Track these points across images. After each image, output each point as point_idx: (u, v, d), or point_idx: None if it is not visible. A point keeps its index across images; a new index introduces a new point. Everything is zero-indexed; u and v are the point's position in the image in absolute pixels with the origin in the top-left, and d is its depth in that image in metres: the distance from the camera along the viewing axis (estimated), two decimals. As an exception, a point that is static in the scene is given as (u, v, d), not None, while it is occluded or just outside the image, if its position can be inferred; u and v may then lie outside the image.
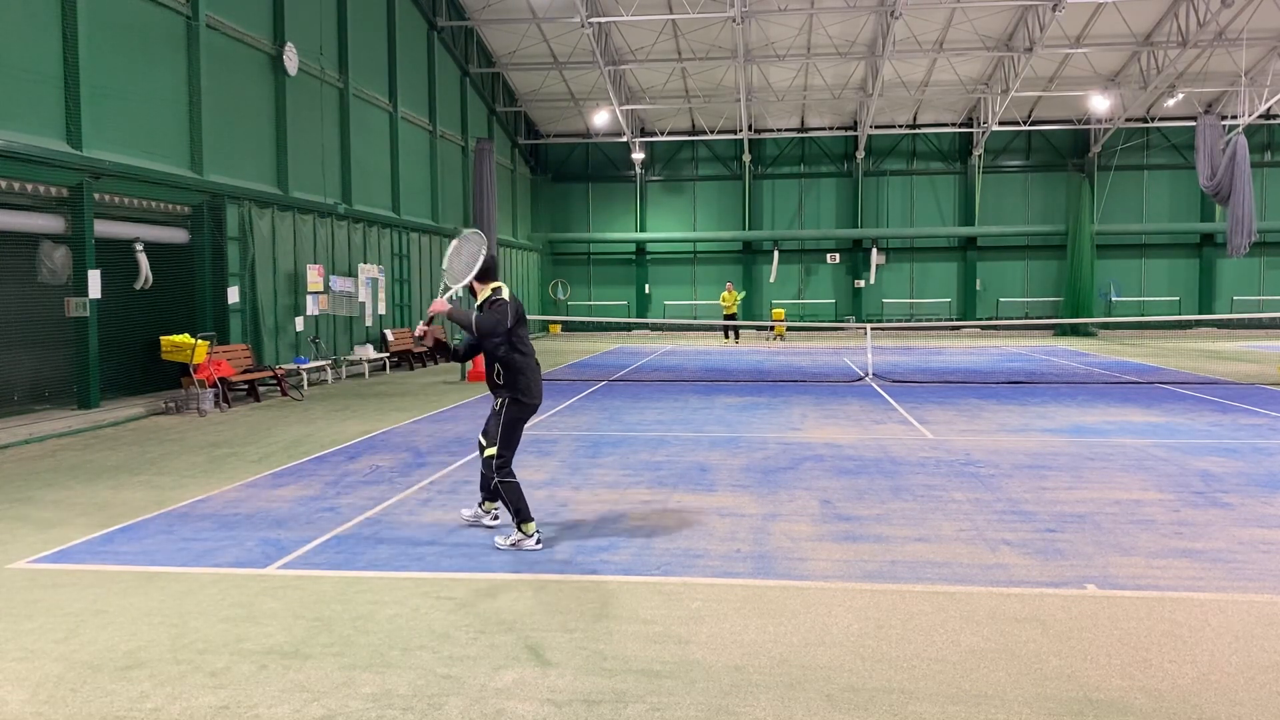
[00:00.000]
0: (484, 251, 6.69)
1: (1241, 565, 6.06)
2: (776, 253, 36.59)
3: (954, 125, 36.12)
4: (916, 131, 36.24)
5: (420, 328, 6.62)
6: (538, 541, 6.55)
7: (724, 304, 31.08)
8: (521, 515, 6.57)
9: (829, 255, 36.85)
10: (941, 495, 8.11)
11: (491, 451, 6.70)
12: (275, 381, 16.11)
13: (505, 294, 6.70)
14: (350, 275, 20.45)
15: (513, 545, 6.52)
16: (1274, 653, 4.63)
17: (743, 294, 32.77)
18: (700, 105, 34.20)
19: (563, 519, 7.36)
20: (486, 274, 6.72)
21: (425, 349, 6.46)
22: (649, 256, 37.73)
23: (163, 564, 6.24)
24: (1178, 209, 35.73)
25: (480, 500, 7.22)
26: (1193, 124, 29.32)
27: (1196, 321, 35.23)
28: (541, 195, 37.74)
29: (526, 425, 6.81)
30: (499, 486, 6.60)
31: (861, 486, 8.49)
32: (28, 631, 5.00)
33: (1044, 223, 35.92)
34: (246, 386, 15.42)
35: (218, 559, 6.33)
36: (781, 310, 34.71)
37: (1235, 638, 4.83)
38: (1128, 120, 34.22)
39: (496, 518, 7.15)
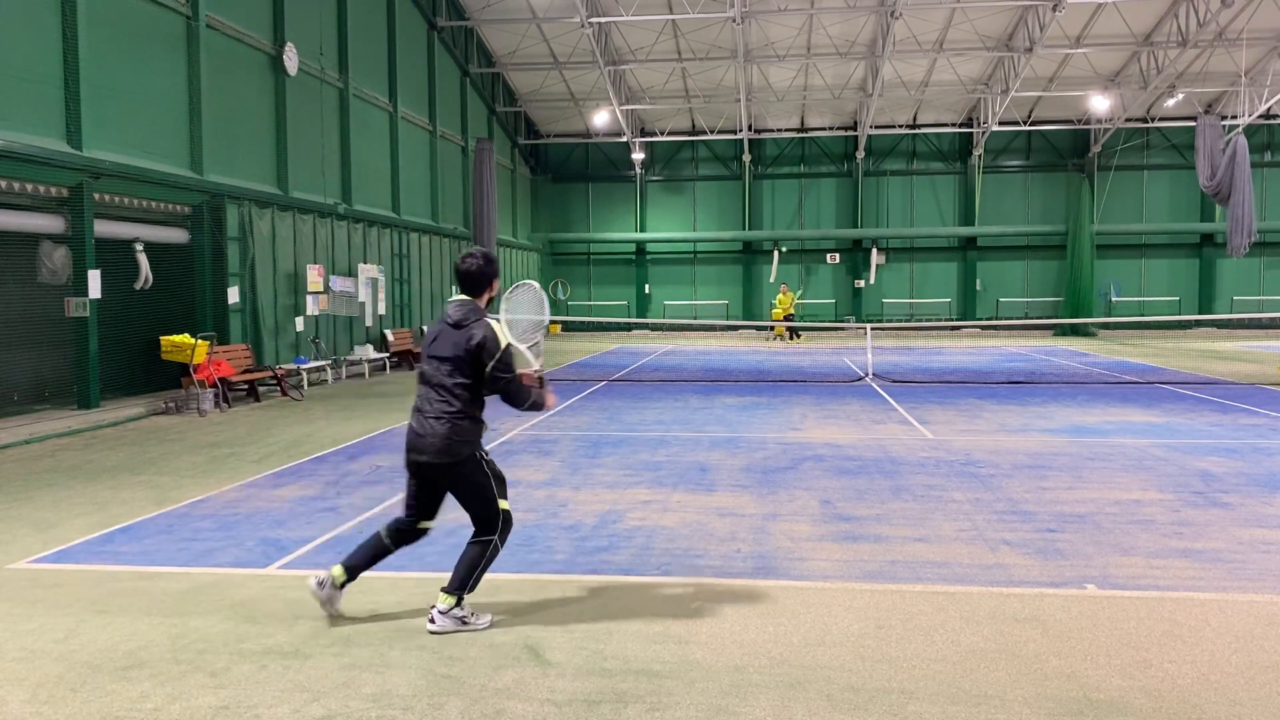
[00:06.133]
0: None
1: (1241, 565, 6.05)
2: (776, 253, 36.59)
3: (954, 125, 36.11)
4: (916, 131, 36.23)
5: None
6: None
7: (780, 305, 31.07)
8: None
9: (829, 255, 36.85)
10: (941, 495, 8.11)
11: None
12: (275, 381, 16.11)
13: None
14: (350, 275, 20.45)
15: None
16: (1274, 653, 4.63)
17: (798, 293, 32.08)
18: (700, 105, 34.19)
19: (563, 519, 7.36)
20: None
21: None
22: (649, 256, 37.73)
23: (163, 564, 6.24)
24: (1178, 209, 35.72)
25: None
26: (1193, 124, 29.31)
27: (1196, 321, 35.22)
28: (541, 195, 37.73)
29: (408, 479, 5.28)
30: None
31: (861, 486, 8.49)
32: (28, 631, 5.00)
33: (1044, 223, 35.92)
34: (246, 386, 15.42)
35: (218, 559, 6.33)
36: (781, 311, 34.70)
37: (1235, 638, 4.82)
38: (1128, 120, 34.21)
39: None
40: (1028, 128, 35.52)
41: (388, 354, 21.34)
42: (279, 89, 18.15)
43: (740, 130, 35.20)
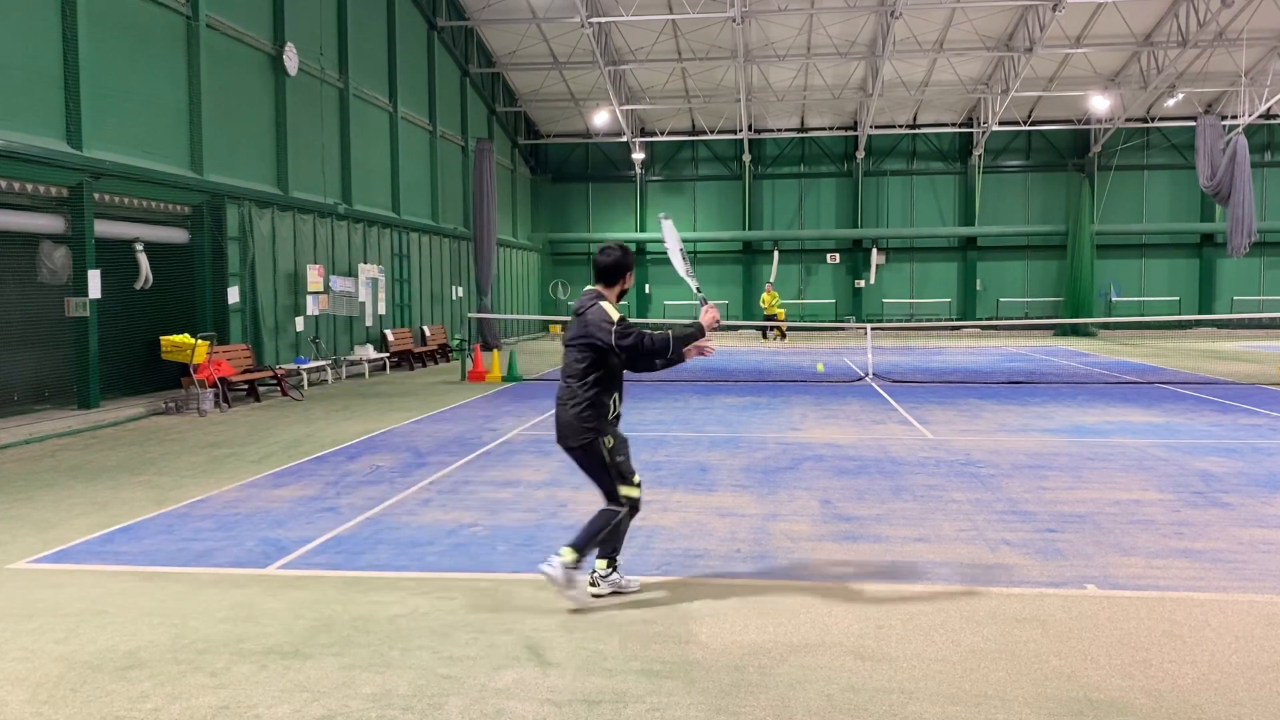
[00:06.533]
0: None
1: (1241, 565, 6.05)
2: (776, 253, 36.60)
3: (954, 125, 36.12)
4: (916, 131, 36.23)
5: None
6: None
7: (764, 305, 31.28)
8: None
9: (829, 255, 36.86)
10: (941, 495, 8.11)
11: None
12: (275, 381, 16.10)
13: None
14: (350, 275, 20.45)
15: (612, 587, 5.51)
16: (1274, 653, 4.63)
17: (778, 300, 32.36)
18: (700, 105, 34.19)
19: (563, 519, 7.35)
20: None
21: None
22: (649, 256, 37.72)
23: (163, 564, 6.23)
24: (1178, 209, 35.73)
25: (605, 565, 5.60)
26: (1193, 124, 29.31)
27: (1196, 321, 35.23)
28: (541, 195, 37.73)
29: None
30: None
31: (861, 486, 8.49)
32: (28, 631, 5.00)
33: (1044, 223, 35.93)
34: (246, 386, 15.41)
35: (218, 559, 6.33)
36: (782, 310, 34.70)
37: (1235, 638, 4.82)
38: (1128, 120, 34.22)
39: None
40: (1028, 128, 35.53)
41: (388, 354, 21.34)
42: (279, 89, 18.16)
43: (740, 130, 35.21)
